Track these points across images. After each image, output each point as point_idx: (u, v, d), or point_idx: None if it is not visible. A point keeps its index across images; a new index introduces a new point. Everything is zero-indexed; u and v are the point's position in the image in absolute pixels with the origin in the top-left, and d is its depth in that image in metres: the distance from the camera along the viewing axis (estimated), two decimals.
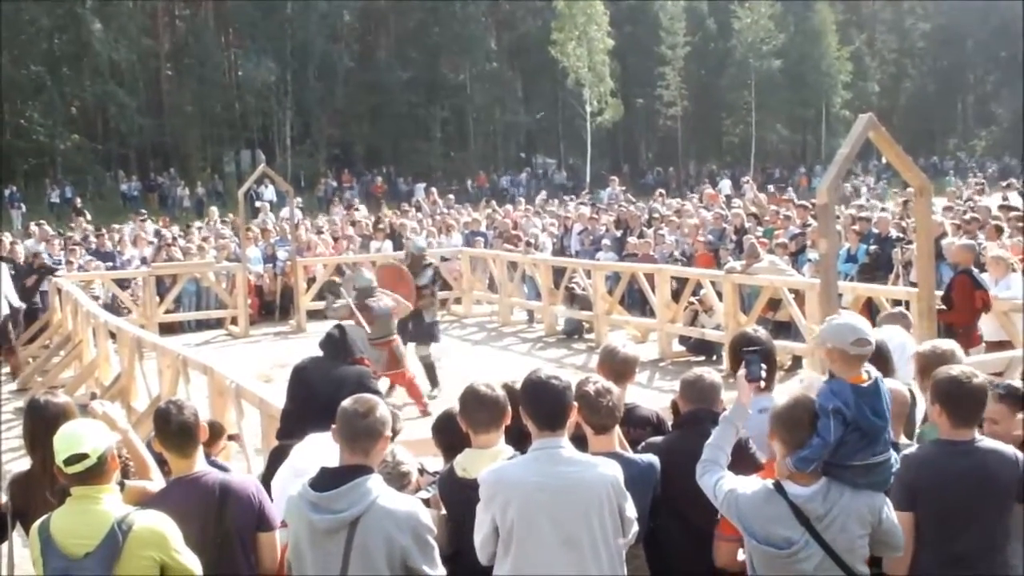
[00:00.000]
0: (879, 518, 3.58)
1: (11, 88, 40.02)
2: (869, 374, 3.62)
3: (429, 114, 50.18)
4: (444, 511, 4.05)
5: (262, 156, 41.77)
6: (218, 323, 17.12)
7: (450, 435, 4.22)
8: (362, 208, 26.82)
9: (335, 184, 44.50)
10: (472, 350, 14.68)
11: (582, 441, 3.97)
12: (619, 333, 13.90)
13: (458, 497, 3.93)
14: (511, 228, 19.80)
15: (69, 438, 3.60)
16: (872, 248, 13.34)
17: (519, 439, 3.92)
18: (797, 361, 11.67)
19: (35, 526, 3.62)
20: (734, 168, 50.63)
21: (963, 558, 3.71)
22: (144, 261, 17.78)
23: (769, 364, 4.30)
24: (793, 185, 40.67)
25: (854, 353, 3.58)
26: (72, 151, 42.64)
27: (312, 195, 42.09)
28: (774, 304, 12.12)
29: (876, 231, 13.77)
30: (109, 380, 11.33)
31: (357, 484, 3.47)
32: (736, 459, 3.88)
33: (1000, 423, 3.99)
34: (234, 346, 15.57)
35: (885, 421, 3.60)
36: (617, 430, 4.12)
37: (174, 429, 4.03)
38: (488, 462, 3.78)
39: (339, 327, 5.82)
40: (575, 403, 3.78)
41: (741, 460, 3.94)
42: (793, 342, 11.62)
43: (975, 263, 10.21)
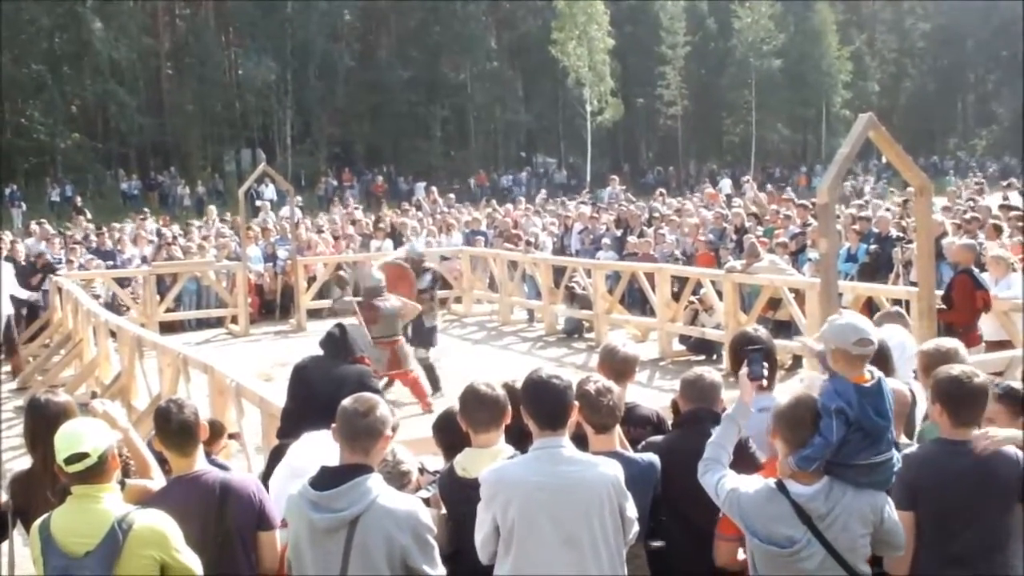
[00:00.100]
0: (881, 517, 3.57)
1: (12, 87, 40.04)
2: (872, 374, 3.61)
3: (429, 113, 50.18)
4: (444, 510, 4.05)
5: (262, 155, 41.80)
6: (218, 322, 17.12)
7: (451, 434, 4.21)
8: (352, 209, 26.81)
9: (335, 183, 44.51)
10: (472, 349, 14.68)
11: (583, 440, 3.96)
12: (619, 332, 13.91)
13: (458, 496, 3.92)
14: (511, 227, 19.79)
15: (70, 437, 3.60)
16: (872, 248, 13.34)
17: (519, 438, 3.92)
18: (797, 360, 11.66)
19: (35, 525, 3.62)
20: (734, 168, 50.61)
21: (963, 558, 3.71)
22: (144, 260, 17.78)
23: (770, 363, 4.30)
24: (792, 185, 40.65)
25: (857, 353, 3.57)
26: (72, 150, 42.66)
27: (312, 194, 42.10)
28: (774, 303, 12.12)
29: (876, 231, 13.77)
30: (109, 379, 11.33)
31: (357, 483, 3.47)
32: (736, 458, 3.88)
33: (997, 423, 3.97)
34: (234, 345, 15.57)
35: (888, 421, 3.59)
36: (618, 429, 4.11)
37: (174, 428, 4.03)
38: (488, 461, 3.78)
39: (340, 326, 5.82)
40: (576, 402, 3.78)
41: (741, 459, 3.94)
42: (793, 341, 11.61)
43: (975, 263, 10.20)
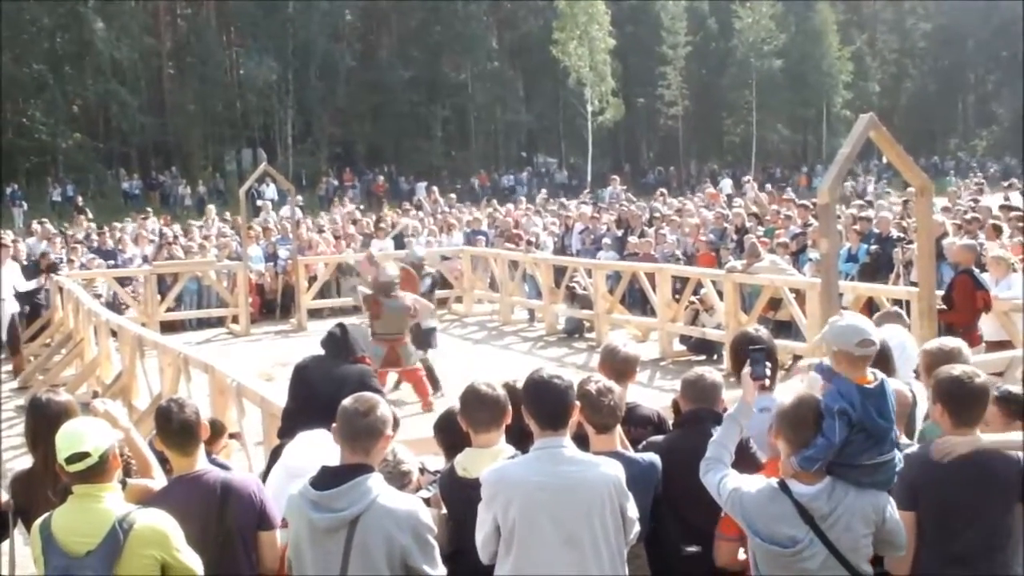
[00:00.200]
0: (883, 517, 3.57)
1: (13, 87, 40.04)
2: (875, 375, 3.61)
3: (430, 113, 50.17)
4: (444, 510, 4.05)
5: (263, 155, 41.86)
6: (219, 321, 17.13)
7: (452, 434, 4.20)
8: (349, 206, 26.87)
9: (336, 183, 44.53)
10: (473, 349, 14.68)
11: (583, 440, 3.96)
12: (620, 332, 13.91)
13: (458, 496, 3.92)
14: (512, 227, 19.79)
15: (71, 436, 3.60)
16: (873, 248, 13.33)
17: (520, 438, 3.92)
18: (798, 360, 11.64)
19: (36, 524, 3.62)
20: (735, 168, 50.60)
21: (964, 557, 3.71)
22: (145, 259, 17.78)
23: (771, 364, 4.30)
24: (792, 185, 40.63)
25: (859, 354, 3.57)
26: (74, 149, 42.67)
27: (313, 194, 42.11)
28: (775, 303, 12.12)
29: (877, 231, 13.76)
30: (110, 378, 11.34)
31: (357, 483, 3.47)
32: (737, 458, 3.87)
33: (991, 425, 3.96)
34: (235, 344, 15.58)
35: (890, 422, 3.58)
36: (619, 429, 4.11)
37: (175, 427, 4.03)
38: (488, 461, 3.77)
39: (340, 326, 5.82)
40: (577, 402, 3.78)
41: (742, 459, 3.94)
42: (794, 341, 11.62)
43: (976, 263, 10.19)
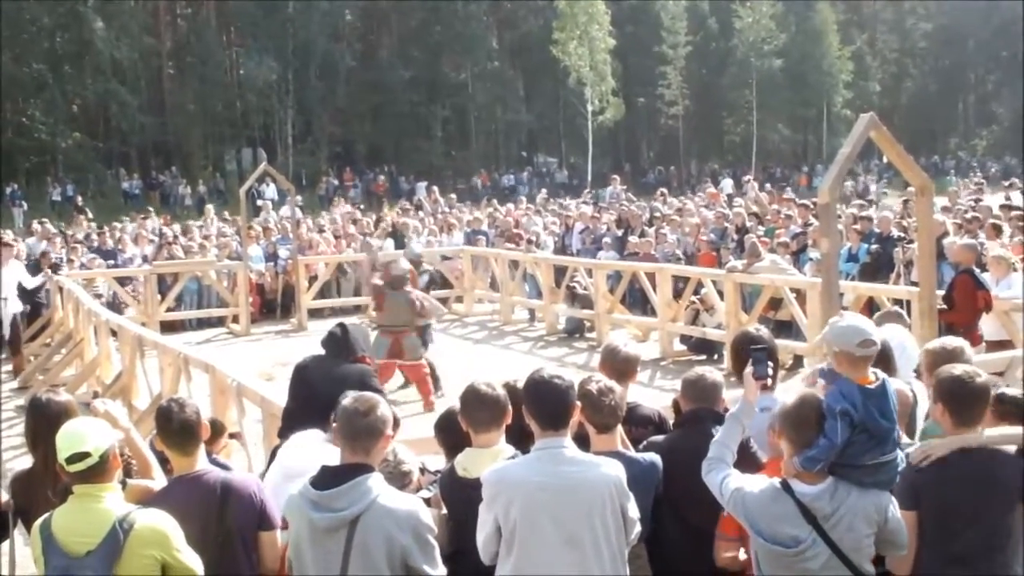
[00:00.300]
0: (885, 517, 3.57)
1: (13, 86, 40.04)
2: (876, 375, 3.61)
3: (431, 113, 50.17)
4: (444, 510, 4.04)
5: (263, 155, 41.88)
6: (219, 321, 17.13)
7: (453, 434, 4.19)
8: (345, 206, 26.93)
9: (336, 183, 44.54)
10: (473, 349, 14.68)
11: (584, 440, 3.96)
12: (620, 332, 13.90)
13: (458, 496, 3.92)
14: (513, 227, 19.80)
15: (71, 436, 3.59)
16: (873, 247, 13.33)
17: (520, 438, 3.91)
18: (799, 360, 11.66)
19: (37, 524, 3.62)
20: (735, 167, 50.60)
21: (965, 557, 3.70)
22: (145, 259, 17.78)
23: (772, 363, 4.30)
24: (792, 185, 40.62)
25: (860, 355, 3.57)
26: (74, 149, 42.67)
27: (313, 194, 42.13)
28: (775, 303, 12.12)
29: (877, 230, 13.76)
30: (110, 378, 11.33)
31: (358, 483, 3.46)
32: (738, 458, 3.87)
33: (981, 425, 3.97)
34: (235, 344, 15.58)
35: (892, 423, 3.58)
36: (619, 429, 4.11)
37: (176, 427, 4.03)
38: (488, 461, 3.77)
39: (341, 325, 5.82)
40: (578, 402, 3.77)
41: (743, 459, 3.93)
42: (794, 341, 11.62)
43: (977, 263, 10.19)
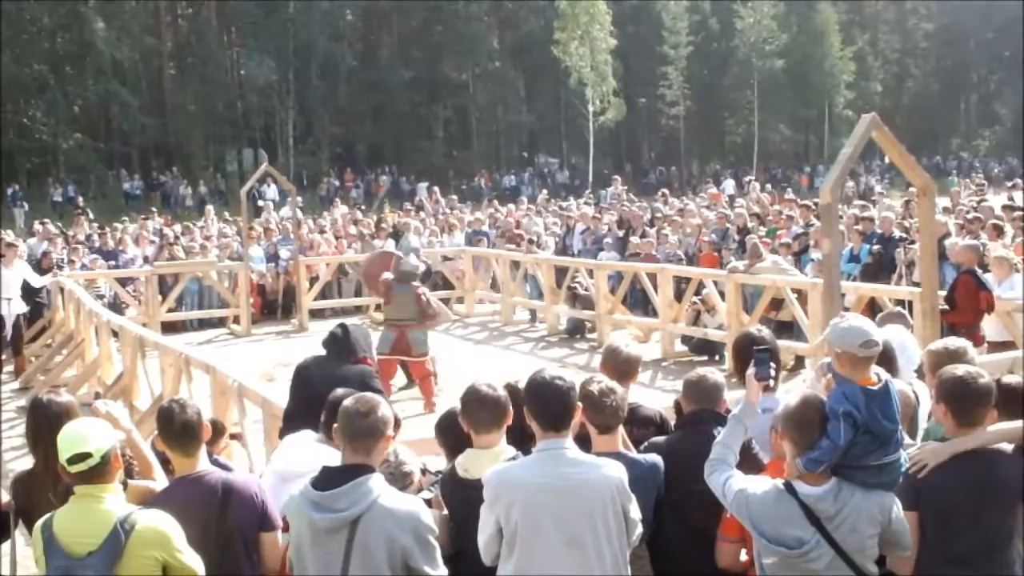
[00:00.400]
0: (889, 518, 3.56)
1: (14, 87, 40.08)
2: (879, 376, 3.59)
3: (431, 113, 50.20)
4: (445, 511, 4.04)
5: (264, 155, 41.90)
6: (220, 322, 17.13)
7: (454, 435, 4.18)
8: (342, 207, 26.98)
9: (338, 183, 44.56)
10: (474, 349, 14.67)
11: (586, 441, 3.95)
12: (621, 333, 13.88)
13: (459, 497, 3.91)
14: (514, 227, 19.79)
15: (72, 437, 3.59)
16: (875, 248, 13.32)
17: (521, 439, 3.91)
18: (800, 361, 11.65)
19: (38, 525, 3.62)
20: (736, 168, 50.60)
21: (966, 557, 3.70)
22: (146, 260, 17.78)
23: (774, 364, 4.28)
24: (793, 185, 40.60)
25: (863, 355, 3.55)
26: (75, 150, 42.71)
27: (314, 194, 42.14)
28: (777, 304, 12.11)
29: (879, 231, 13.75)
30: (111, 379, 11.33)
31: (358, 483, 3.46)
32: (740, 459, 3.86)
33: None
34: (236, 345, 15.58)
35: (896, 424, 3.57)
36: (621, 430, 4.10)
37: (177, 428, 4.03)
38: (489, 462, 3.76)
39: (342, 326, 5.82)
40: (579, 403, 3.76)
41: (745, 460, 3.92)
42: (796, 342, 11.61)
43: (979, 263, 10.17)
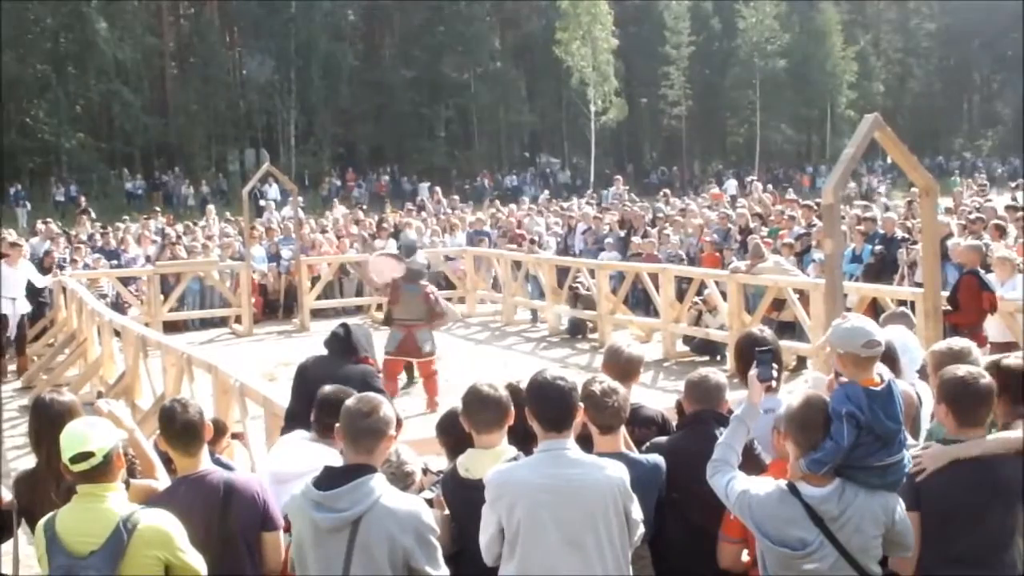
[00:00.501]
0: (893, 519, 3.55)
1: (16, 87, 40.11)
2: (882, 377, 3.59)
3: (433, 113, 50.20)
4: (447, 511, 4.04)
5: (266, 155, 41.92)
6: (222, 322, 17.14)
7: (455, 435, 4.19)
8: (341, 208, 27.03)
9: (339, 183, 44.57)
10: (476, 349, 14.67)
11: (587, 441, 3.95)
12: (623, 333, 13.87)
13: (461, 497, 3.91)
14: (515, 227, 19.79)
15: (75, 436, 3.60)
16: (877, 248, 13.32)
17: (522, 439, 3.91)
18: (802, 361, 11.65)
19: (40, 524, 3.63)
20: (738, 168, 50.58)
21: (967, 558, 3.70)
22: (148, 259, 17.79)
23: (777, 365, 4.28)
24: (795, 186, 40.58)
25: (865, 356, 3.55)
26: (77, 150, 42.71)
27: (316, 194, 42.15)
28: (778, 304, 12.10)
29: (881, 231, 13.75)
30: (113, 378, 11.34)
31: (360, 483, 3.46)
32: (742, 460, 3.85)
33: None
34: (238, 345, 15.58)
35: (899, 424, 3.56)
36: (623, 430, 4.10)
37: (179, 428, 4.03)
38: (491, 462, 3.76)
39: (344, 326, 5.83)
40: (581, 404, 3.76)
41: (747, 461, 3.91)
42: (798, 342, 11.60)
43: (982, 264, 10.15)
